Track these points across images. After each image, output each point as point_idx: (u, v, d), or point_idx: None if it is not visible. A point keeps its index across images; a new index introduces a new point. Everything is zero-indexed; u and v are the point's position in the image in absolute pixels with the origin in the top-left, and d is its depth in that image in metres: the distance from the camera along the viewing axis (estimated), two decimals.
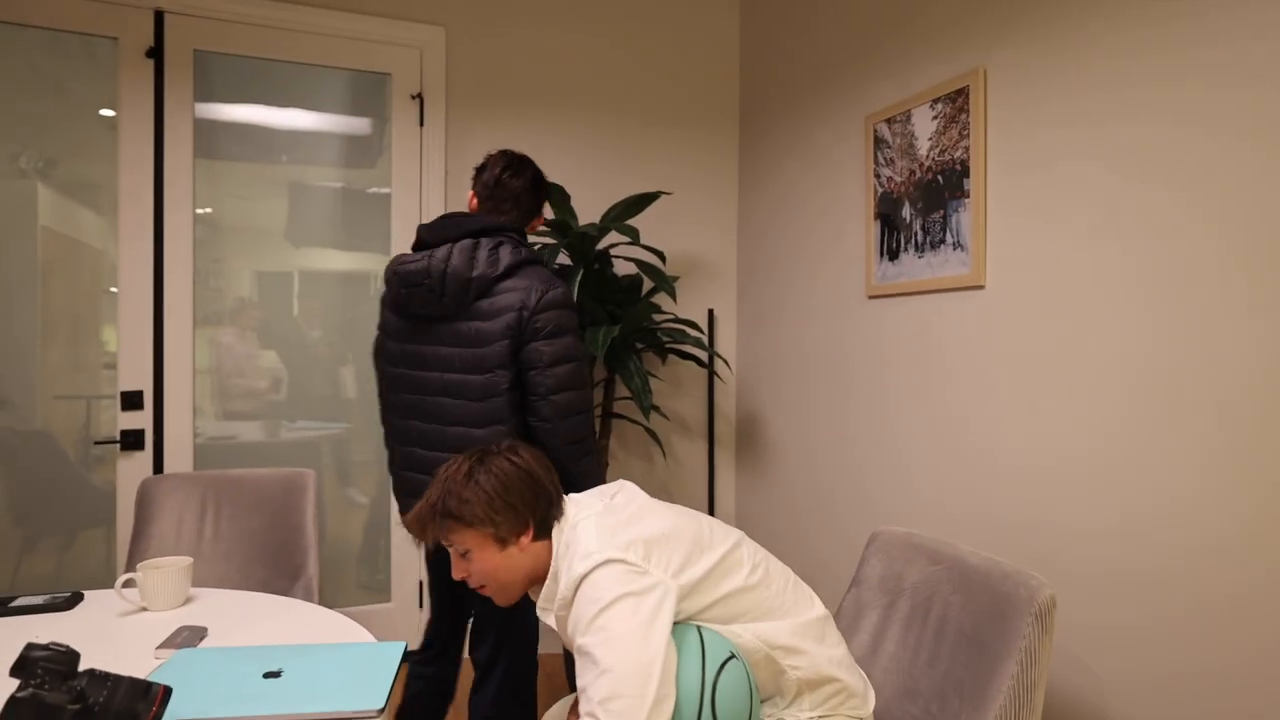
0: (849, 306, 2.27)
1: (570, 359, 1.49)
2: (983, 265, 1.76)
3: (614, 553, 1.05)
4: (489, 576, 1.14)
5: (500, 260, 1.51)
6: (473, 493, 1.12)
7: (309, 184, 2.59)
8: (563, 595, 1.07)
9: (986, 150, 1.76)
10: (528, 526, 1.13)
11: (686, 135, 2.91)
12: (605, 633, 0.99)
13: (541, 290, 1.49)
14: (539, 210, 1.65)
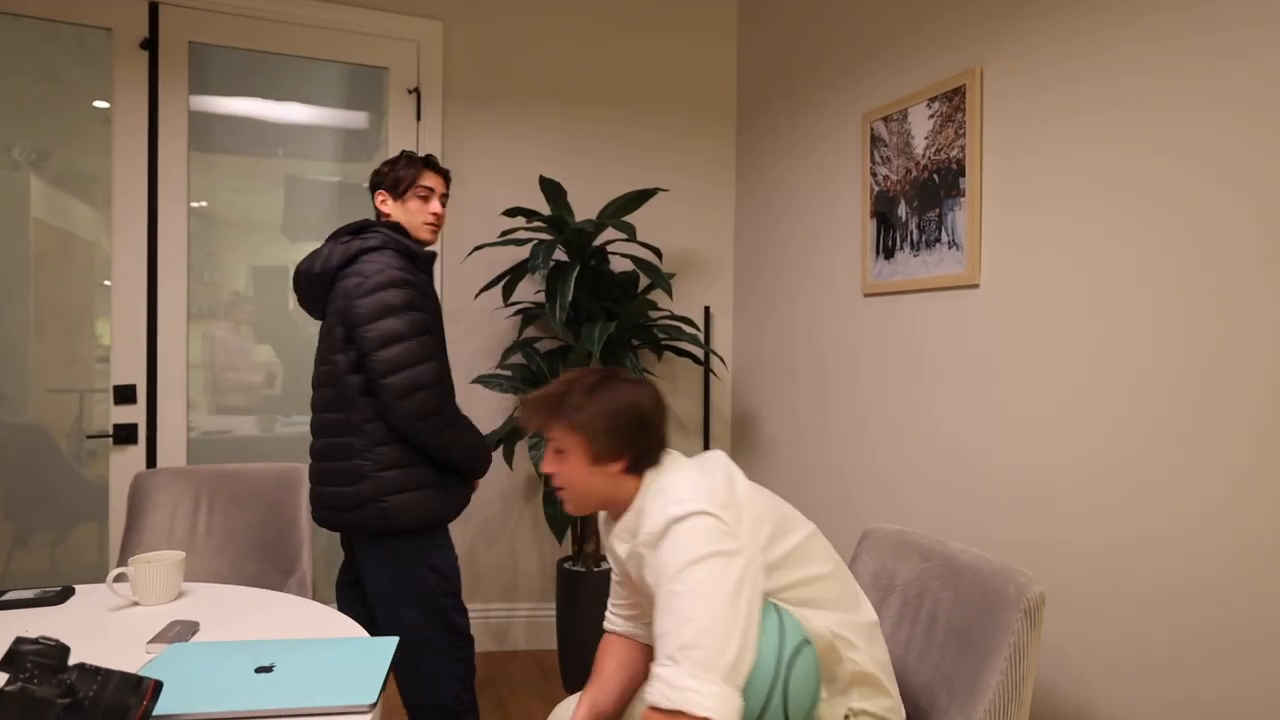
0: (845, 304, 2.26)
1: (398, 338, 1.50)
2: (978, 264, 1.76)
3: (710, 507, 1.06)
4: (571, 483, 1.16)
5: (340, 255, 1.58)
6: (590, 405, 1.14)
7: (305, 178, 2.58)
8: (649, 532, 1.08)
9: (982, 149, 1.76)
10: (623, 457, 1.14)
11: (684, 132, 2.91)
12: (694, 584, 1.00)
13: (366, 275, 1.52)
14: (381, 188, 1.68)
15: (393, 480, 1.58)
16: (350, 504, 1.59)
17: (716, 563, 1.02)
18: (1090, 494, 1.51)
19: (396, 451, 1.58)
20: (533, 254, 2.27)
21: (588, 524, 2.52)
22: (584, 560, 2.53)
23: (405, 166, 1.68)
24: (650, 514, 1.09)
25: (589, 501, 1.17)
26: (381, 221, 1.67)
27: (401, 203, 1.67)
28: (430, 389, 1.51)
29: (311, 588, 1.89)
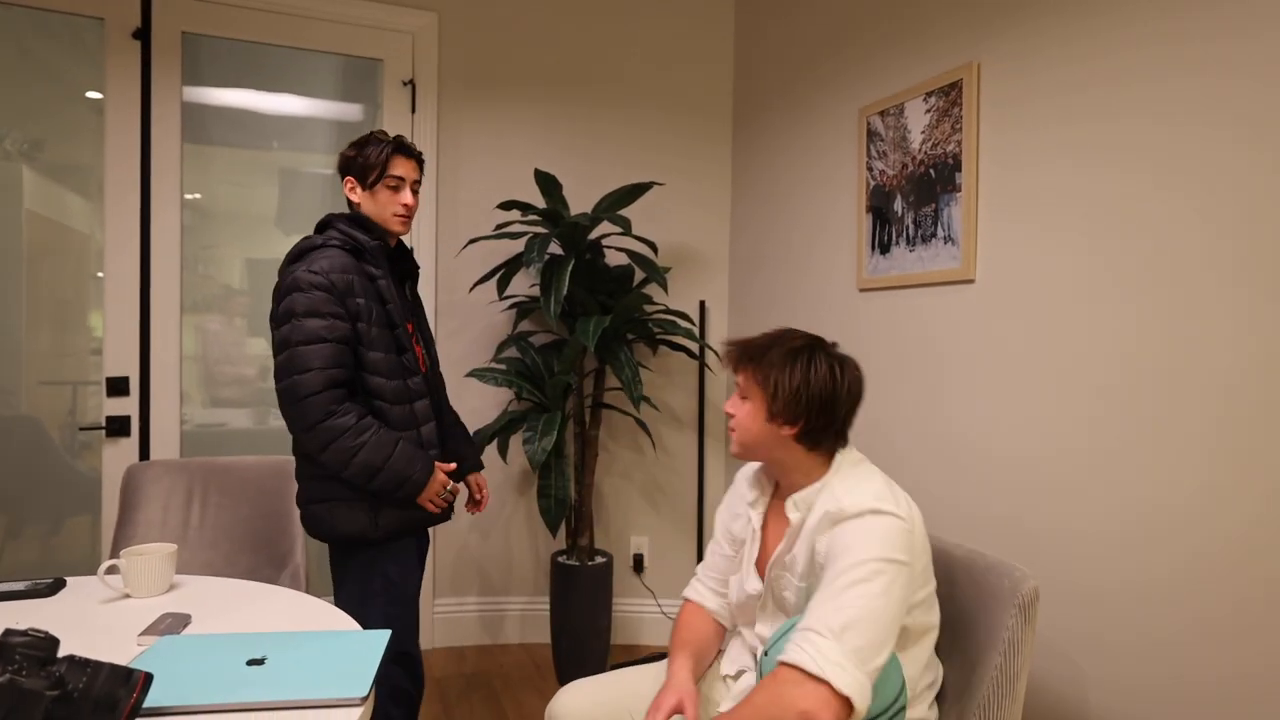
0: (840, 299, 2.26)
1: (286, 344, 1.43)
2: (973, 259, 1.76)
3: (906, 518, 1.10)
4: (744, 428, 1.21)
5: (293, 252, 1.54)
6: (785, 365, 1.18)
7: (300, 170, 2.57)
8: (832, 510, 1.12)
9: (979, 144, 1.75)
10: (795, 424, 1.17)
11: (680, 126, 2.89)
12: (874, 581, 1.04)
13: (283, 277, 1.48)
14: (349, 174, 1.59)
15: (307, 490, 1.54)
16: (304, 501, 1.57)
17: (901, 572, 1.07)
18: (1082, 485, 1.51)
19: (308, 460, 1.53)
20: (527, 247, 2.26)
21: (582, 517, 2.52)
22: (578, 554, 2.52)
23: (373, 152, 1.57)
24: (841, 496, 1.13)
25: (750, 450, 1.21)
26: (343, 216, 1.58)
27: (370, 193, 1.57)
28: (304, 402, 1.42)
29: (305, 580, 1.88)
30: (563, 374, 2.42)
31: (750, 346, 1.23)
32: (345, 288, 1.48)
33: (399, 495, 1.50)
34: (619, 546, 2.87)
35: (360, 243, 1.55)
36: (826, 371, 1.19)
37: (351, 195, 1.60)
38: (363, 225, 1.58)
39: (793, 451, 1.20)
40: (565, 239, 2.45)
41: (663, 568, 2.91)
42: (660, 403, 2.91)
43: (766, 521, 1.29)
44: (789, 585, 1.21)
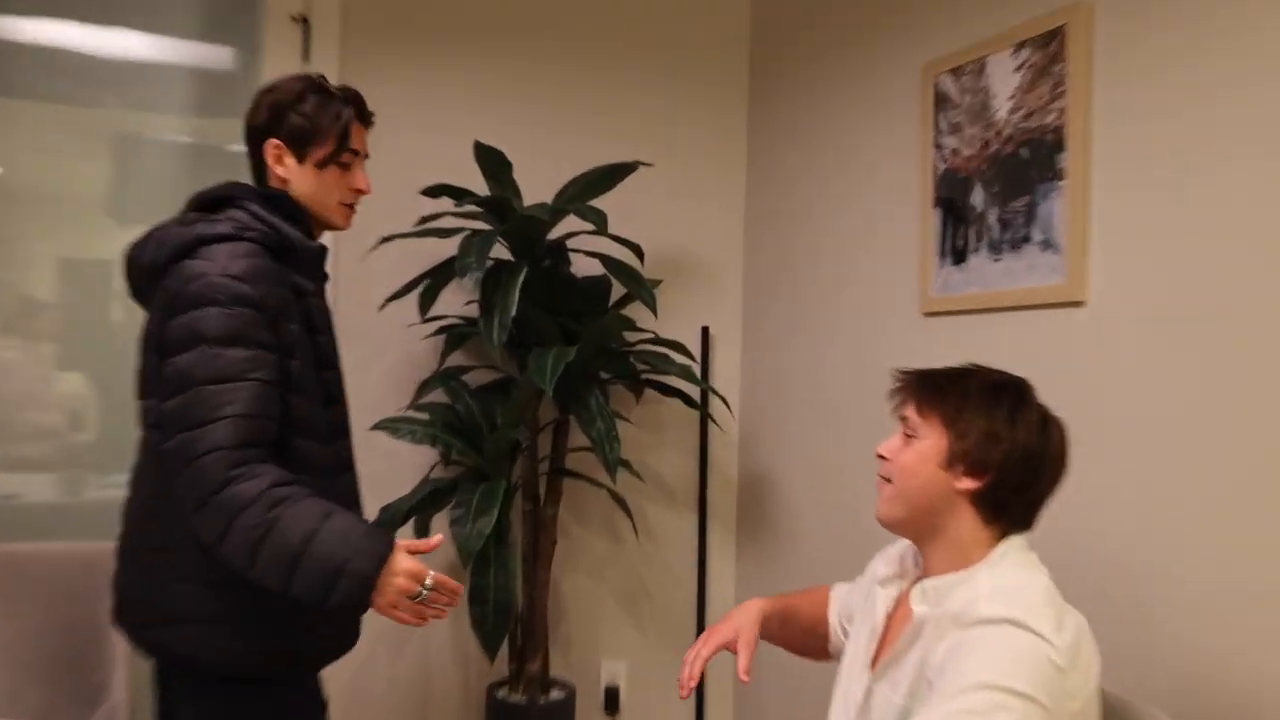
0: (897, 327, 2.27)
1: (187, 381, 1.37)
2: (1084, 274, 1.77)
3: (1059, 651, 1.12)
4: (906, 472, 1.28)
5: (181, 236, 1.46)
6: (985, 401, 1.25)
7: (144, 136, 2.55)
8: (961, 611, 1.17)
9: (1090, 113, 1.76)
10: (980, 479, 1.24)
11: (677, 88, 2.92)
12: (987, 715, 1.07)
13: (186, 280, 1.40)
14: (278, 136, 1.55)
15: (180, 597, 1.45)
16: (147, 616, 1.48)
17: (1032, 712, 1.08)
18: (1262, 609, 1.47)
19: (189, 555, 1.43)
20: (462, 249, 2.26)
21: (532, 632, 2.50)
22: (525, 686, 2.50)
23: (329, 113, 1.55)
24: (983, 590, 1.18)
25: (908, 503, 1.28)
26: (255, 192, 1.55)
27: (312, 168, 1.56)
28: (198, 462, 1.33)
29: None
30: (508, 427, 2.41)
31: (937, 374, 1.31)
32: (279, 306, 1.45)
33: (333, 600, 1.34)
34: (584, 676, 2.84)
35: (288, 240, 1.51)
36: (1038, 423, 1.26)
37: (278, 167, 1.56)
38: (289, 214, 1.55)
39: (960, 517, 1.26)
40: (516, 239, 2.46)
41: (648, 708, 2.88)
42: (645, 469, 2.88)
43: (895, 613, 1.35)
44: (886, 705, 1.25)
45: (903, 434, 1.31)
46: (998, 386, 1.28)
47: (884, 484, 1.32)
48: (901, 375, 1.36)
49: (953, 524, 1.26)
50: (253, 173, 1.60)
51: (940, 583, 1.24)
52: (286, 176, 1.56)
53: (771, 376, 2.80)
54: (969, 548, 1.26)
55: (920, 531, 1.30)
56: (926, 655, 1.20)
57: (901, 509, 1.29)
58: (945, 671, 1.13)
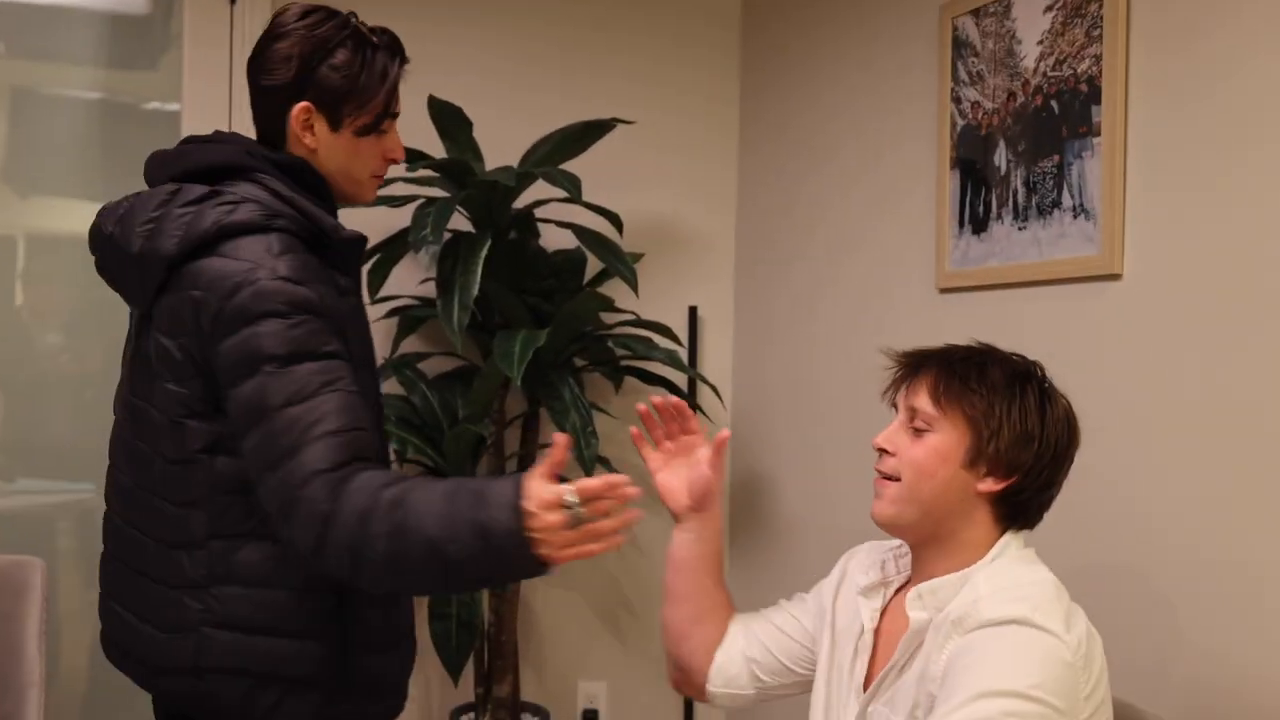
0: (910, 304, 2.27)
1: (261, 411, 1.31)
2: (1119, 243, 1.76)
3: (1072, 650, 1.14)
4: (921, 472, 1.27)
5: (192, 227, 1.35)
6: (1012, 392, 1.26)
7: (43, 92, 2.56)
8: (963, 614, 1.18)
9: (1128, 61, 1.75)
10: (1007, 480, 1.24)
11: (659, 33, 2.91)
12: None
13: (228, 286, 1.32)
14: (306, 97, 1.43)
15: (221, 648, 1.39)
16: (161, 661, 1.42)
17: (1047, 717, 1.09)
18: None
19: (241, 598, 1.38)
20: (416, 221, 2.26)
21: (501, 651, 2.49)
22: (493, 710, 2.50)
23: (368, 64, 1.44)
24: (983, 589, 1.20)
25: (920, 506, 1.27)
26: (269, 157, 1.43)
27: (350, 136, 1.46)
28: (303, 497, 1.28)
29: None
30: (471, 421, 2.40)
31: (953, 359, 1.29)
32: (334, 306, 1.37)
33: (504, 573, 1.40)
34: (560, 699, 2.85)
35: (321, 227, 1.41)
36: (1064, 411, 1.27)
37: (305, 136, 1.44)
38: (317, 190, 1.45)
39: (973, 520, 1.27)
40: (477, 208, 2.46)
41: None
42: (626, 467, 2.87)
43: (881, 624, 1.33)
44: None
45: (909, 426, 1.30)
46: (1023, 376, 1.28)
47: (886, 482, 1.30)
48: (906, 358, 1.34)
49: (964, 526, 1.27)
50: (260, 132, 1.48)
51: (938, 584, 1.25)
52: (315, 146, 1.45)
53: (767, 362, 2.79)
54: (972, 549, 1.27)
55: (925, 533, 1.29)
56: (927, 666, 1.20)
57: (913, 511, 1.27)
58: (948, 680, 1.14)
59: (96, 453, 2.52)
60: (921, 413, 1.28)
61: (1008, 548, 1.26)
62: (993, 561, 1.24)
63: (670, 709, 2.90)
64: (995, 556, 1.25)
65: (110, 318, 2.54)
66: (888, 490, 1.29)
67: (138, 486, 1.45)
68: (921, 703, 1.20)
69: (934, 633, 1.21)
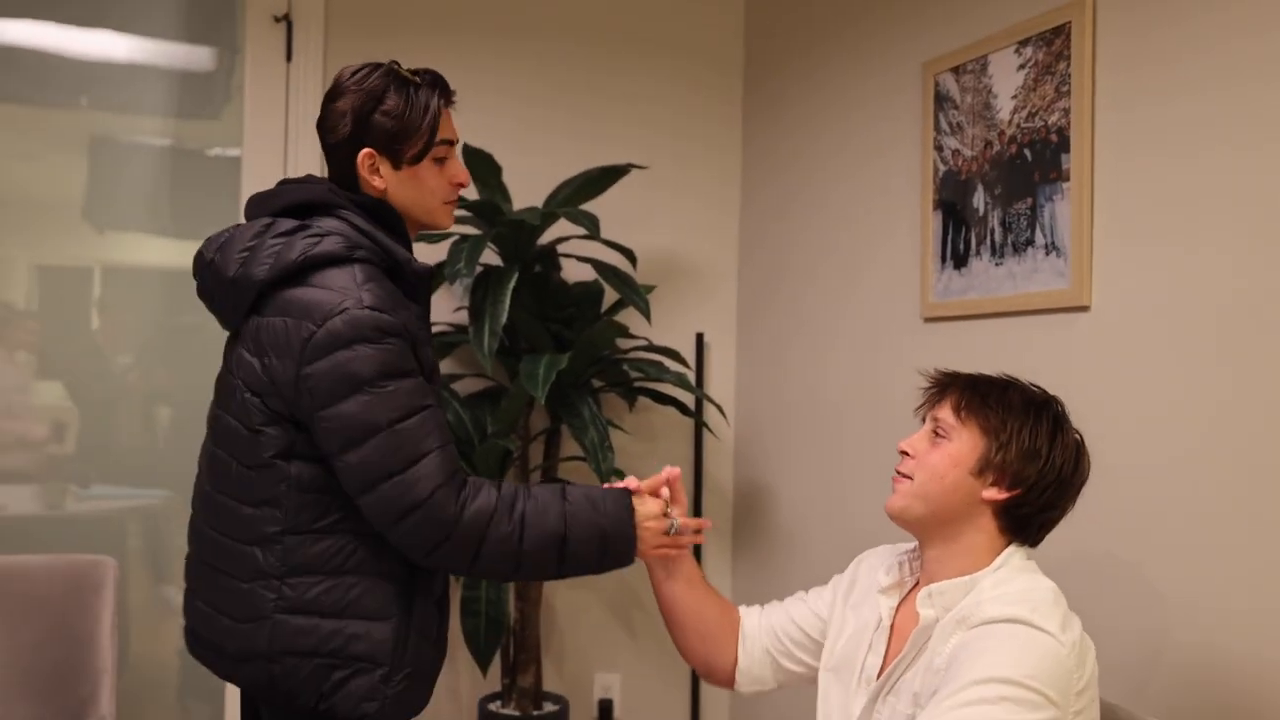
0: (897, 332, 2.27)
1: (371, 428, 1.35)
2: (1087, 277, 1.77)
3: (1069, 653, 1.15)
4: (932, 472, 1.29)
5: (281, 256, 1.39)
6: (1028, 414, 1.28)
7: (120, 140, 2.57)
8: (967, 614, 1.20)
9: (1094, 113, 1.76)
10: (1011, 491, 1.26)
11: (670, 87, 2.92)
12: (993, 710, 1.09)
13: (316, 314, 1.35)
14: (368, 144, 1.45)
15: (293, 632, 1.40)
16: (239, 649, 1.43)
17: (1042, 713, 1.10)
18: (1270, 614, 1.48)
19: (312, 584, 1.40)
20: (451, 255, 2.27)
21: (524, 645, 2.50)
22: (518, 700, 2.50)
23: (414, 104, 1.44)
24: (987, 594, 1.22)
25: (928, 503, 1.29)
26: (349, 197, 1.45)
27: (409, 170, 1.46)
28: (428, 505, 1.35)
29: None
30: (499, 437, 2.40)
31: (978, 380, 1.34)
32: (412, 331, 1.41)
33: (604, 564, 1.48)
34: (578, 689, 2.84)
35: (396, 259, 1.44)
36: (1075, 446, 1.29)
37: (374, 179, 1.46)
38: (393, 225, 1.48)
39: (977, 525, 1.29)
40: (505, 244, 2.46)
41: (642, 719, 2.83)
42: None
43: (895, 621, 1.35)
44: (893, 716, 1.26)
45: (931, 433, 1.33)
46: (1040, 404, 1.31)
47: (901, 479, 1.33)
48: (940, 375, 1.38)
49: (968, 530, 1.28)
50: (339, 184, 1.49)
51: (947, 586, 1.26)
52: (384, 186, 1.47)
53: (767, 384, 2.79)
54: (976, 555, 1.28)
55: (931, 532, 1.31)
56: (932, 660, 1.22)
57: (921, 507, 1.30)
58: (950, 670, 1.15)
59: (163, 462, 2.60)
60: (943, 422, 1.31)
61: (1011, 558, 1.28)
62: (997, 570, 1.26)
63: (679, 698, 2.88)
64: (999, 566, 1.26)
65: (176, 342, 2.59)
66: (901, 486, 1.32)
67: (216, 491, 1.48)
68: (924, 692, 1.21)
69: (940, 631, 1.23)
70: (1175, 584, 1.61)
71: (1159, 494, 1.64)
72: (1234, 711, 1.52)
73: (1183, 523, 1.60)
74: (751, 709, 2.81)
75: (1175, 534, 1.61)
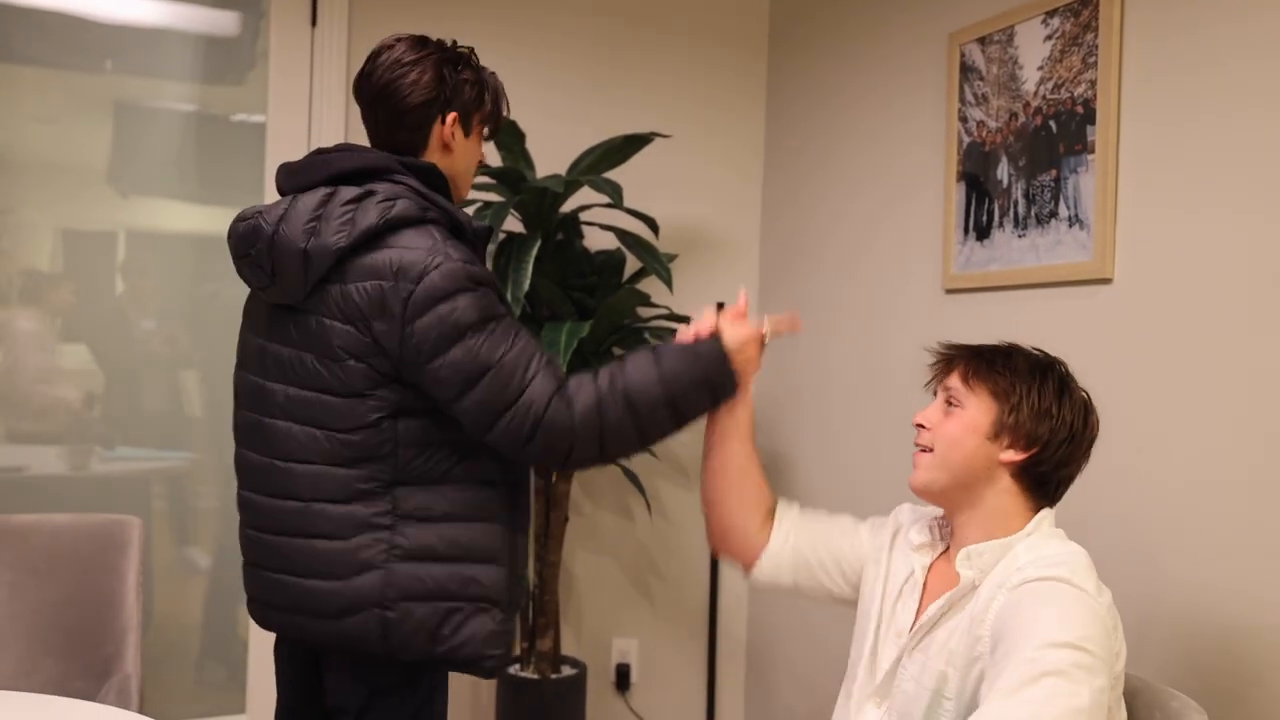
0: (918, 304, 2.28)
1: (483, 365, 1.41)
2: (1110, 250, 1.77)
3: (1106, 612, 1.18)
4: (951, 442, 1.32)
5: (357, 222, 1.41)
6: (1035, 376, 1.31)
7: (144, 105, 2.56)
8: (1005, 577, 1.22)
9: (1121, 84, 1.76)
10: (1027, 452, 1.29)
11: (694, 56, 2.92)
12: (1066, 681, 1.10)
13: (410, 272, 1.39)
14: (453, 108, 1.52)
15: (412, 580, 1.45)
16: (344, 604, 1.45)
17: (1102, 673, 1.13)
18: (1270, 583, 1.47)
19: (423, 532, 1.46)
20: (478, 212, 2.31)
21: (544, 610, 2.52)
22: (537, 663, 2.51)
23: (478, 76, 1.56)
24: (1023, 559, 1.24)
25: (951, 473, 1.32)
26: (404, 162, 1.49)
27: (476, 138, 1.58)
28: (550, 419, 1.43)
29: (138, 697, 1.86)
30: None
31: (983, 349, 1.36)
32: (495, 285, 1.48)
33: (720, 399, 1.54)
34: (595, 653, 2.86)
35: (457, 219, 1.50)
36: (1082, 402, 1.32)
37: (451, 144, 1.54)
38: (444, 189, 1.53)
39: (999, 490, 1.31)
40: (529, 211, 2.46)
41: (658, 684, 2.90)
42: (659, 446, 2.89)
43: (928, 579, 1.38)
44: (922, 670, 1.29)
45: (944, 403, 1.35)
46: (1045, 365, 1.33)
47: (922, 453, 1.35)
48: (946, 347, 1.40)
49: (990, 494, 1.31)
50: (395, 146, 1.53)
51: (984, 548, 1.28)
52: (454, 149, 1.54)
53: (788, 353, 2.80)
54: (1003, 518, 1.30)
55: (957, 500, 1.33)
56: (973, 624, 1.23)
57: (944, 476, 1.32)
58: (1007, 635, 1.16)
59: (187, 424, 2.61)
60: (953, 391, 1.34)
61: (1041, 524, 1.30)
62: (1029, 535, 1.28)
63: (695, 663, 2.91)
64: (1031, 531, 1.29)
65: (198, 307, 2.60)
66: (922, 460, 1.35)
67: (285, 460, 1.48)
68: (960, 651, 1.24)
69: (983, 591, 1.25)
70: (1201, 556, 1.61)
71: (1181, 470, 1.64)
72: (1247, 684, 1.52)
73: (1206, 494, 1.60)
74: (766, 673, 2.84)
75: (1198, 505, 1.61)
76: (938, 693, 1.25)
